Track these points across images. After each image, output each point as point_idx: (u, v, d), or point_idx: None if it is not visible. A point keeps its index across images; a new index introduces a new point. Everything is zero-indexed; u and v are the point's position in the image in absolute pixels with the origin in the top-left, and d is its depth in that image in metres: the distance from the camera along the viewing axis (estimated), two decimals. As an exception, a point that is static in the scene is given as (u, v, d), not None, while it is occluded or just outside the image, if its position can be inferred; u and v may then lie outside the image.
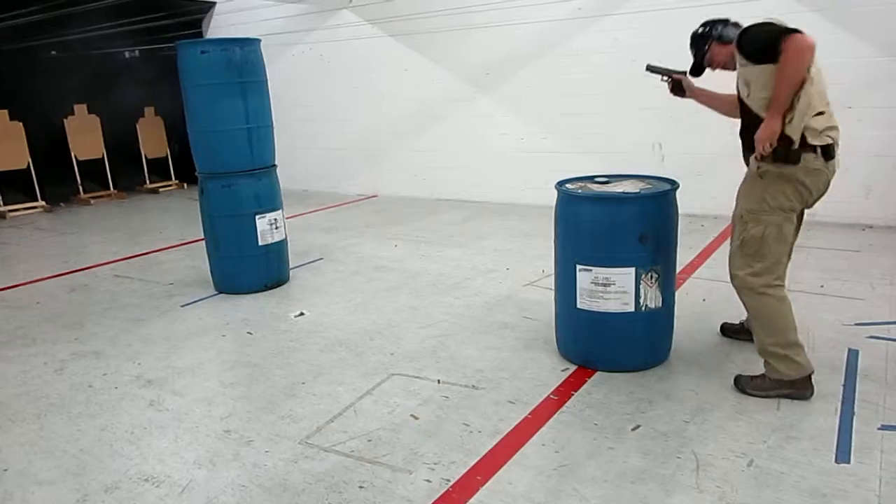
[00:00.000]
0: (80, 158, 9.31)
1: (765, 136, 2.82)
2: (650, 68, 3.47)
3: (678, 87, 3.44)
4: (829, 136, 2.87)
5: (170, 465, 2.69)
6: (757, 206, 2.95)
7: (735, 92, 3.03)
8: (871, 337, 3.56)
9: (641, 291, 3.15)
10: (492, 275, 5.07)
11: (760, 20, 2.89)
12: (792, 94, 2.77)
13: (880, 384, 3.05)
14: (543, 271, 4.95)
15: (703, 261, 5.12)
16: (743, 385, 3.05)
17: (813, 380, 2.95)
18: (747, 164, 3.06)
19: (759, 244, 2.95)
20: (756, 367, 3.23)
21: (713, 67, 3.16)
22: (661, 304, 3.23)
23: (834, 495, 2.31)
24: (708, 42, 3.10)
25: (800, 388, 2.94)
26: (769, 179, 2.90)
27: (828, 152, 2.88)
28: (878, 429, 2.69)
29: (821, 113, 2.84)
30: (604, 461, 2.57)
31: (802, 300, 4.16)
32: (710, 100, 3.43)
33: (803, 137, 2.82)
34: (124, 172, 9.87)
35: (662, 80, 3.49)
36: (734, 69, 2.98)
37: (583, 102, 7.09)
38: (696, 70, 3.22)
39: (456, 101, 8.05)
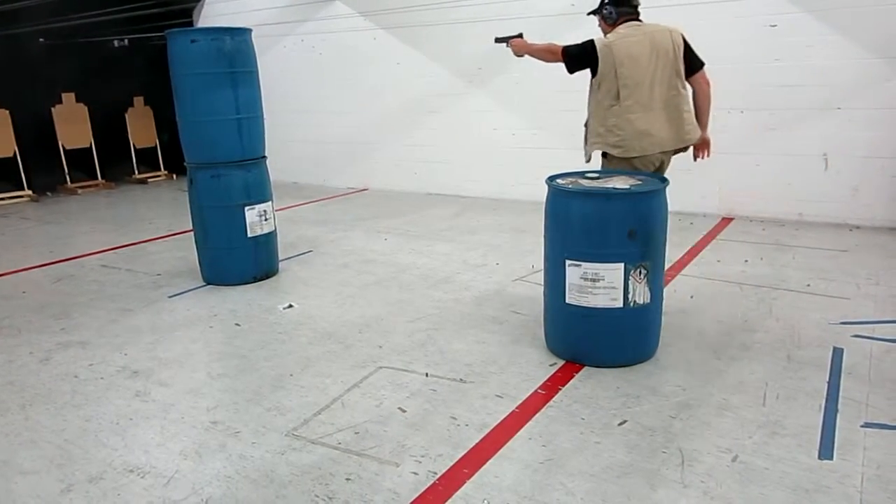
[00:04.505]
0: (67, 148, 9.20)
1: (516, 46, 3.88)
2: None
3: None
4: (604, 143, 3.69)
5: (155, 456, 2.68)
6: None
7: (552, 43, 3.90)
8: (856, 336, 3.59)
9: (630, 287, 3.16)
10: (481, 269, 5.07)
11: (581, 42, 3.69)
12: (535, 55, 3.91)
13: (864, 382, 3.08)
14: (533, 266, 4.96)
15: (691, 258, 5.14)
16: None
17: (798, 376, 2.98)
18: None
19: None
20: (743, 365, 3.26)
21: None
22: (649, 301, 3.24)
23: (817, 491, 2.33)
24: (597, 12, 3.86)
25: None
26: (612, 163, 3.71)
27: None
28: (861, 426, 2.72)
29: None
30: (590, 455, 2.58)
31: (789, 298, 4.20)
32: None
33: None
34: (112, 162, 9.76)
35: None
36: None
37: (575, 98, 7.02)
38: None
39: (448, 96, 8.03)
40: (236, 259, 4.84)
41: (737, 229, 6.05)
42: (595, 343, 3.32)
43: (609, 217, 3.16)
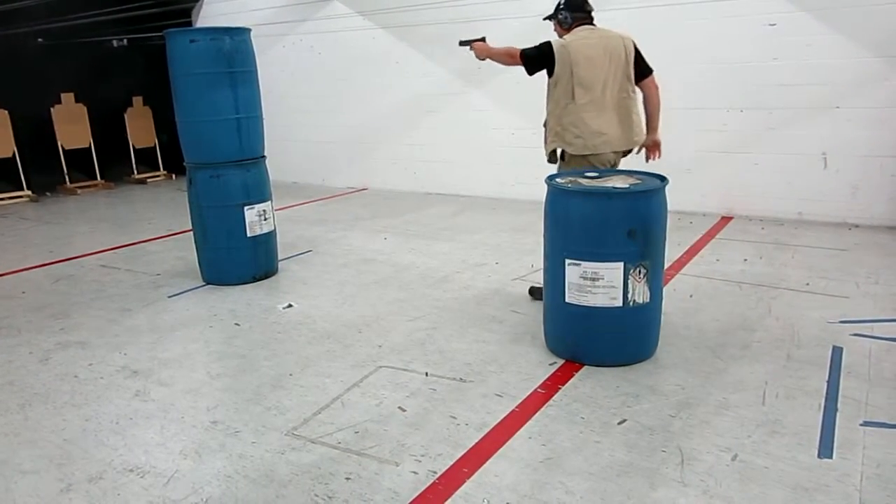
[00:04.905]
0: (66, 148, 9.21)
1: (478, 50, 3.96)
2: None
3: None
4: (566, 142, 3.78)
5: (155, 456, 2.68)
6: None
7: (511, 46, 3.96)
8: (855, 334, 3.59)
9: (629, 286, 3.16)
10: (481, 269, 5.07)
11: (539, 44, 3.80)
12: (496, 58, 3.96)
13: (863, 381, 3.08)
14: (532, 266, 4.96)
15: (690, 257, 5.15)
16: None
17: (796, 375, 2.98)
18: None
19: None
20: (743, 364, 3.26)
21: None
22: (648, 300, 3.24)
23: (816, 490, 2.33)
24: (553, 17, 3.94)
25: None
26: (571, 162, 3.80)
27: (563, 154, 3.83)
28: (861, 425, 2.72)
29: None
30: (590, 454, 2.58)
31: (788, 297, 4.20)
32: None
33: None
34: (112, 162, 9.78)
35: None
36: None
37: (574, 98, 7.08)
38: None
39: (447, 95, 8.03)
40: (236, 259, 4.84)
41: (736, 228, 6.05)
42: (595, 342, 3.32)
43: (609, 216, 3.16)
